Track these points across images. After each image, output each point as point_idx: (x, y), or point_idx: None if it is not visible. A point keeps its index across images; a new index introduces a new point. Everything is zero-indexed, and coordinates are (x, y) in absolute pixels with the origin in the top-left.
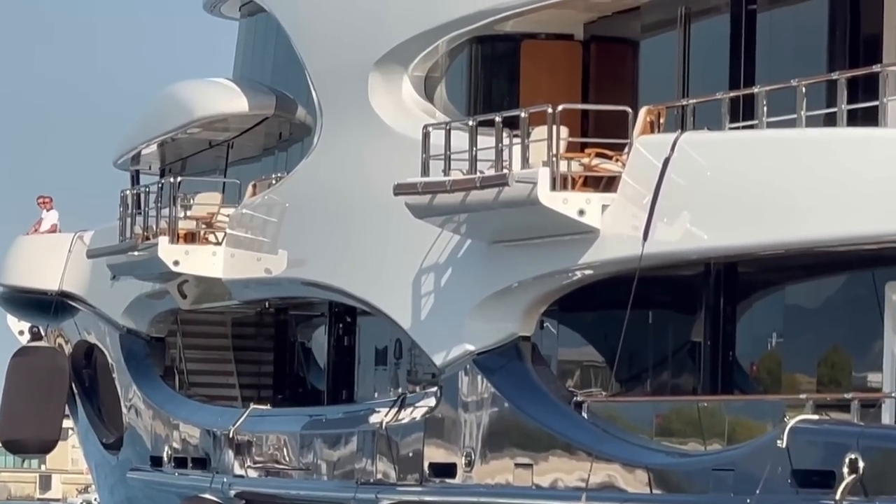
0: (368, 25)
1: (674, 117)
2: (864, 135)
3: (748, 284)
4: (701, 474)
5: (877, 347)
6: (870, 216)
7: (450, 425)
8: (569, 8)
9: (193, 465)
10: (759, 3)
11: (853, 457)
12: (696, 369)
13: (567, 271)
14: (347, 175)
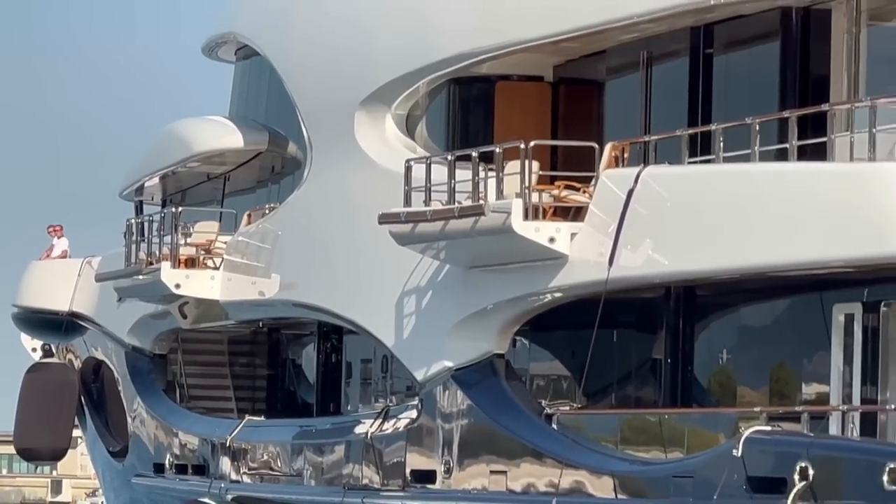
0: (354, 68)
1: (637, 152)
2: (813, 169)
3: (705, 306)
4: (662, 481)
5: (824, 364)
6: (817, 243)
7: (430, 435)
8: (539, 52)
9: (193, 472)
10: (715, 47)
11: (804, 465)
12: (657, 384)
13: (538, 294)
14: (335, 205)
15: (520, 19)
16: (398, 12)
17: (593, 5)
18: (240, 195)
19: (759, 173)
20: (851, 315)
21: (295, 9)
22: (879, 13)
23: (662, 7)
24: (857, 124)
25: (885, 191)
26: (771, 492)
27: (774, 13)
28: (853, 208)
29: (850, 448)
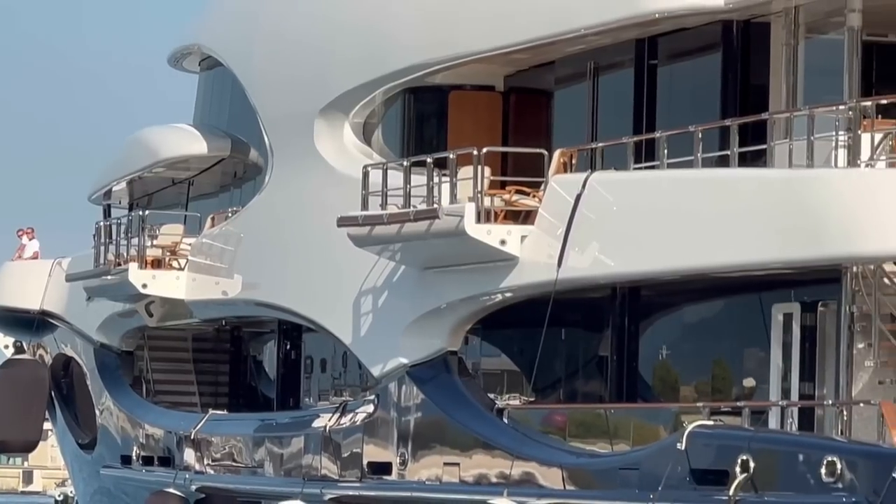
0: (314, 78)
1: (584, 159)
2: (754, 175)
3: (649, 306)
4: (609, 473)
5: (764, 361)
6: (757, 246)
7: (386, 429)
8: (490, 63)
9: (159, 463)
10: (659, 58)
11: (745, 457)
12: (603, 380)
13: (490, 294)
14: (295, 209)
15: (472, 32)
16: (356, 25)
17: (542, 18)
18: (204, 199)
19: (702, 179)
20: (790, 314)
21: (257, 22)
22: (816, 26)
23: (608, 20)
24: (795, 132)
25: (822, 196)
26: (713, 483)
27: (716, 26)
28: (792, 213)
29: (789, 442)
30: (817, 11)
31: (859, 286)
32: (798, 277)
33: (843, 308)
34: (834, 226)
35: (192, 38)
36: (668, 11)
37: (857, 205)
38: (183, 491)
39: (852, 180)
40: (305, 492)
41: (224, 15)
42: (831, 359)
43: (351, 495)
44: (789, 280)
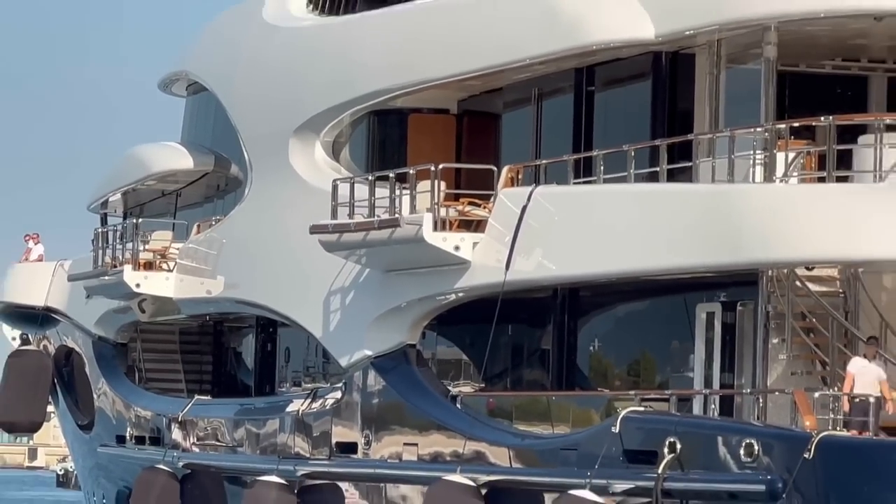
0: (289, 101)
1: (529, 174)
2: (680, 189)
3: (587, 305)
4: (551, 452)
5: (689, 354)
6: (683, 252)
7: (352, 412)
8: (445, 89)
9: (150, 442)
10: (596, 85)
11: (672, 440)
12: (545, 370)
13: (445, 294)
14: (272, 218)
15: (429, 61)
16: (326, 55)
17: (492, 49)
18: (190, 209)
19: (634, 193)
20: (712, 313)
21: (238, 51)
22: (736, 57)
23: (551, 51)
24: (717, 151)
25: (742, 208)
26: (644, 462)
27: (647, 56)
28: (714, 223)
29: (711, 426)
30: (737, 44)
31: (774, 288)
32: (719, 280)
33: (759, 307)
34: (752, 234)
35: (180, 65)
36: (604, 43)
37: (772, 216)
38: (171, 467)
39: (768, 194)
40: (280, 468)
41: (209, 45)
42: (749, 352)
43: (321, 471)
44: (712, 282)
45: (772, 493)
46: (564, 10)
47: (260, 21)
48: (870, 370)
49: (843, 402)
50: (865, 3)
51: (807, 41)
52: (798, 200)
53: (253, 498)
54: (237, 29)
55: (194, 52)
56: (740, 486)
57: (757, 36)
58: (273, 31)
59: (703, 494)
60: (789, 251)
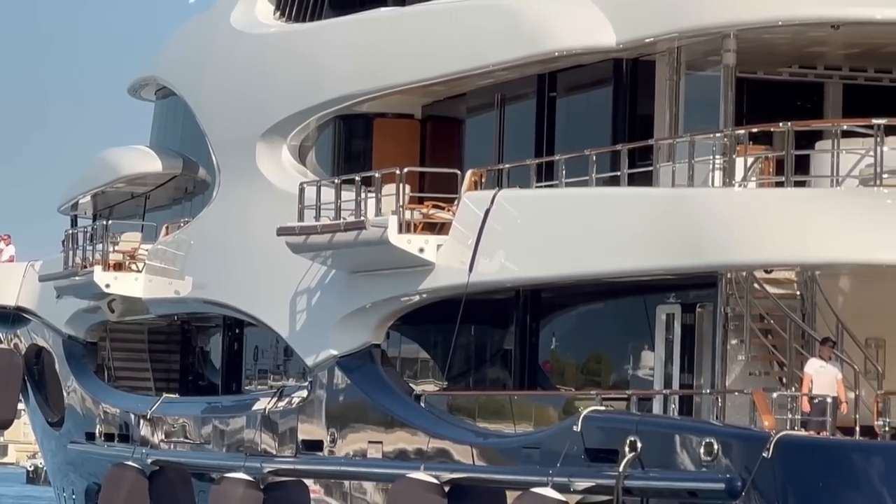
0: (256, 106)
1: (492, 178)
2: (641, 193)
3: (549, 306)
4: (513, 451)
5: (649, 355)
6: (644, 255)
7: (318, 411)
8: (410, 94)
9: (119, 440)
10: (558, 90)
11: (633, 439)
12: (507, 370)
13: (409, 295)
14: (239, 220)
15: (394, 67)
16: (293, 60)
17: (456, 55)
18: (159, 211)
19: (596, 196)
20: (672, 314)
21: (207, 57)
22: (695, 64)
23: (513, 58)
24: (677, 156)
25: (701, 212)
26: (605, 461)
27: (608, 63)
28: (674, 226)
29: (671, 425)
30: (697, 51)
31: (733, 290)
32: (679, 282)
33: (718, 309)
34: (711, 238)
35: (149, 70)
36: (566, 50)
37: (731, 220)
38: (140, 464)
39: (727, 198)
40: (247, 465)
41: (177, 50)
42: (708, 353)
43: (287, 469)
44: (671, 284)
45: (731, 491)
46: (527, 17)
47: (228, 27)
48: (827, 371)
49: (802, 402)
50: (823, 12)
51: (765, 49)
52: (757, 204)
53: (220, 494)
54: (205, 35)
55: (163, 58)
56: (700, 484)
57: (716, 43)
58: (240, 36)
59: (664, 493)
60: (748, 254)
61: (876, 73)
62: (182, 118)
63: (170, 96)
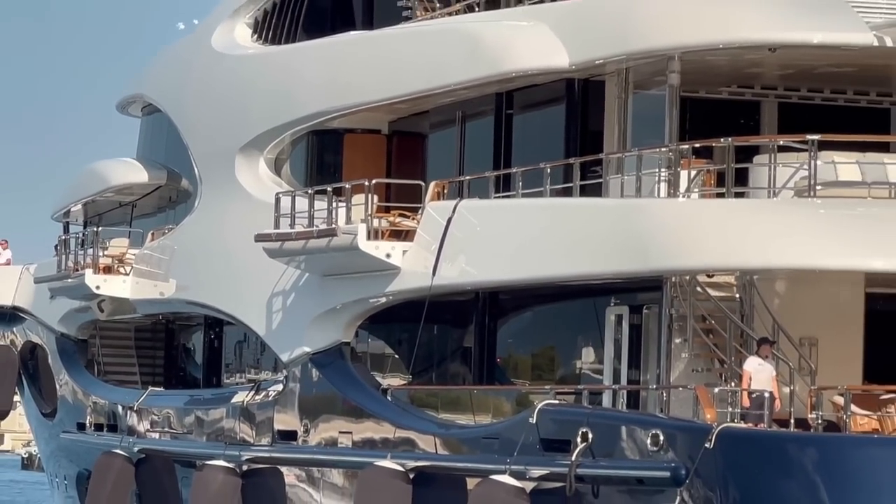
0: (235, 122)
1: (454, 189)
2: (592, 203)
3: (506, 307)
4: (473, 441)
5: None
6: (595, 260)
7: (292, 403)
8: (377, 111)
9: (108, 429)
10: (514, 108)
11: (584, 430)
12: (468, 366)
13: (377, 297)
14: (219, 227)
15: (362, 86)
16: (269, 80)
17: (419, 75)
18: (145, 218)
19: (550, 206)
20: (620, 315)
21: (190, 76)
22: (642, 83)
23: (473, 77)
24: (625, 169)
25: (648, 221)
26: (559, 450)
27: (561, 83)
28: (623, 234)
29: (620, 418)
30: (643, 72)
31: (677, 293)
32: (627, 286)
33: (663, 310)
34: (657, 244)
35: (136, 88)
36: (522, 71)
37: (675, 228)
38: (127, 452)
39: (672, 208)
40: (227, 453)
41: (162, 70)
42: (653, 351)
43: (263, 457)
44: (620, 288)
45: (675, 478)
46: (486, 40)
47: (209, 49)
48: (764, 368)
49: (741, 397)
50: (760, 36)
51: (706, 69)
52: (699, 214)
53: (201, 480)
54: (188, 56)
55: (149, 77)
56: (647, 472)
57: (661, 65)
58: (221, 58)
59: (613, 480)
60: (691, 260)
61: (808, 92)
62: (166, 133)
63: (155, 112)
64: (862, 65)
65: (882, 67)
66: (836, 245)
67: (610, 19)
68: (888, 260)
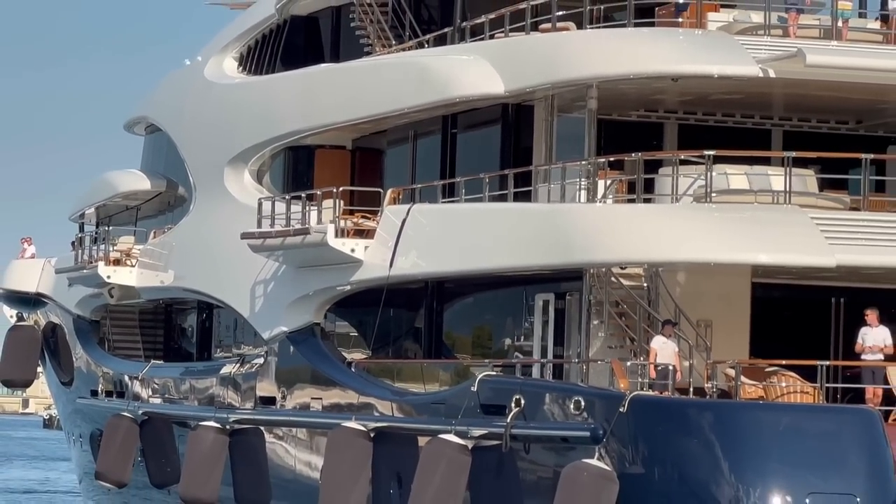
0: (224, 139)
1: (408, 195)
2: (523, 207)
3: (451, 294)
4: (424, 406)
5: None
6: (526, 255)
7: (272, 374)
8: (342, 130)
9: (116, 396)
10: (458, 128)
11: (518, 396)
12: (419, 343)
13: (343, 285)
14: (211, 227)
15: (330, 109)
16: (252, 104)
17: (378, 100)
18: (148, 220)
19: (488, 209)
20: (548, 300)
21: (186, 101)
22: (565, 108)
23: (423, 102)
24: (552, 179)
25: (570, 222)
26: (496, 414)
27: (497, 107)
28: (549, 233)
29: (548, 387)
30: (566, 98)
31: (595, 282)
32: (553, 276)
33: (583, 297)
34: (578, 242)
35: (141, 111)
36: (465, 97)
37: (594, 228)
38: (133, 414)
39: (591, 212)
40: (217, 416)
41: (163, 96)
42: (575, 331)
43: (248, 418)
44: (548, 278)
45: (594, 437)
46: (434, 71)
47: (202, 79)
48: (668, 346)
49: (649, 369)
50: (664, 68)
51: (619, 96)
52: (613, 216)
53: (195, 438)
54: (184, 84)
55: (151, 102)
56: (570, 432)
57: (582, 92)
58: (212, 86)
59: (542, 439)
60: (607, 254)
61: (703, 115)
62: (166, 148)
63: (156, 131)
64: (748, 92)
65: (765, 95)
66: (728, 242)
67: (538, 54)
68: (771, 255)
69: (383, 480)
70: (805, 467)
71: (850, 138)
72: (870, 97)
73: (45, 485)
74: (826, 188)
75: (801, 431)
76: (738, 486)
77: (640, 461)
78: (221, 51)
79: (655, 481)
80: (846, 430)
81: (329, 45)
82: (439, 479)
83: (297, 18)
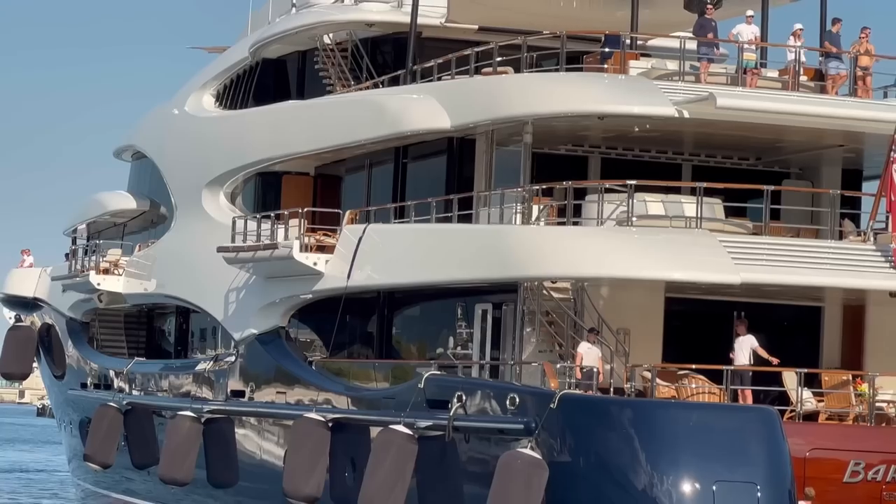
0: (202, 165)
1: (364, 216)
2: (467, 228)
3: (401, 303)
4: (376, 400)
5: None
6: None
7: (242, 371)
8: (307, 159)
9: (104, 388)
10: (409, 158)
11: (460, 393)
12: (371, 347)
13: (306, 294)
14: (190, 242)
15: (296, 140)
16: (227, 135)
17: (338, 133)
18: (134, 235)
19: (434, 230)
20: (486, 310)
21: (169, 131)
22: (503, 141)
23: (378, 135)
24: (491, 203)
25: (508, 241)
26: (440, 408)
27: (443, 139)
28: (489, 250)
29: (486, 385)
30: (504, 133)
31: (528, 294)
32: (491, 289)
33: (518, 307)
34: (514, 259)
35: (128, 139)
36: (415, 131)
37: (528, 247)
38: (118, 405)
39: (525, 233)
40: (193, 406)
41: (148, 127)
42: (510, 337)
43: (220, 409)
44: (486, 290)
45: (528, 430)
46: (388, 107)
47: (183, 112)
48: (592, 351)
49: (576, 371)
50: (591, 108)
51: (550, 132)
52: (545, 237)
53: (173, 426)
54: (167, 117)
55: (138, 132)
56: (506, 425)
57: (518, 128)
58: (192, 118)
59: (481, 430)
60: (539, 270)
61: (623, 150)
62: (150, 172)
63: (142, 158)
64: (664, 130)
65: (677, 133)
66: (646, 261)
67: (481, 94)
68: (682, 272)
69: (340, 465)
70: (712, 458)
71: (751, 172)
72: (769, 136)
73: (39, 464)
74: (730, 215)
75: (708, 427)
76: (653, 474)
77: (568, 451)
78: (201, 88)
79: (581, 469)
80: (748, 427)
81: (295, 85)
82: (389, 464)
83: (267, 61)
